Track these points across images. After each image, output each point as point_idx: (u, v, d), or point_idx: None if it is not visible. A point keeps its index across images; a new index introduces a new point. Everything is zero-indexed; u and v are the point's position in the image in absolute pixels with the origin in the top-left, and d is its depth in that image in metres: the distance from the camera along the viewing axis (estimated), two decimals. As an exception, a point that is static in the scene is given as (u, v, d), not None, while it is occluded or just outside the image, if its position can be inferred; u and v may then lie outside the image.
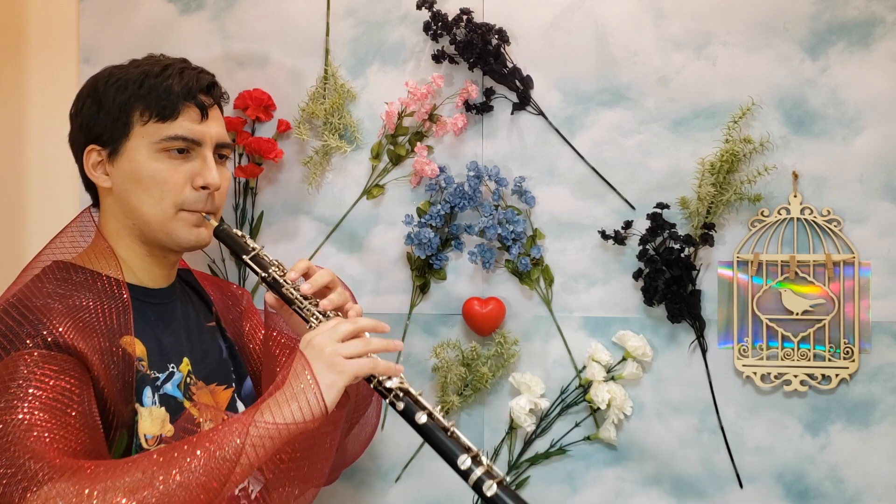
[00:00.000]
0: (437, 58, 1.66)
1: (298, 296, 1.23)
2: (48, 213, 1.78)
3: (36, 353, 1.09)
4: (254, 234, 1.73)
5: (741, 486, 1.62)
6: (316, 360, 1.11)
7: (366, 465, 1.71)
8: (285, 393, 1.10)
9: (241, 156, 1.71)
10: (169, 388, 1.23)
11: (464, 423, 1.69)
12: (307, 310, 1.22)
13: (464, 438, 1.12)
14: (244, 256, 1.27)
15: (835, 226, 1.59)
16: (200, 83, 1.27)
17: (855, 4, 1.59)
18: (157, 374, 1.22)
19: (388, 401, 1.15)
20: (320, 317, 1.21)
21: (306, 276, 1.26)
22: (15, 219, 1.79)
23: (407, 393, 1.15)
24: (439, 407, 1.18)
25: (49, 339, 1.10)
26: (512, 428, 1.67)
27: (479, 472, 1.09)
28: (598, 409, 1.62)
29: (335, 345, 1.13)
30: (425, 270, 1.68)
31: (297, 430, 1.08)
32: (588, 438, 1.66)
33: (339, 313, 1.23)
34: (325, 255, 1.72)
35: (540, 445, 1.67)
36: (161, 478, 1.01)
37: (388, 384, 1.15)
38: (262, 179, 1.73)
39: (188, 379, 1.27)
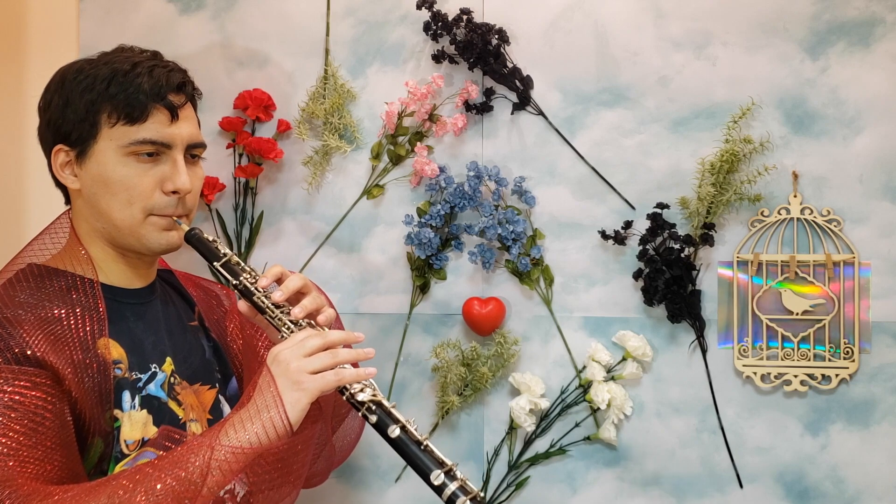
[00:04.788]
0: (437, 58, 1.66)
1: (269, 304, 1.20)
2: (48, 213, 1.77)
3: (6, 369, 1.08)
4: (254, 234, 1.73)
5: (741, 486, 1.62)
6: (281, 377, 1.10)
7: (365, 465, 1.71)
8: (249, 410, 1.09)
9: (241, 156, 1.71)
10: (152, 388, 1.22)
11: (464, 423, 1.69)
12: (278, 319, 1.19)
13: (438, 452, 1.10)
14: (214, 263, 1.23)
15: (835, 226, 1.59)
16: (171, 83, 1.21)
17: (855, 4, 1.59)
18: (139, 375, 1.21)
19: (360, 413, 1.13)
20: (292, 326, 1.18)
21: (279, 281, 1.22)
22: (15, 219, 1.79)
23: (380, 405, 1.12)
24: (413, 419, 1.15)
25: (19, 354, 1.09)
26: (512, 428, 1.67)
27: (453, 487, 1.08)
28: (598, 409, 1.62)
29: (301, 360, 1.10)
30: (425, 270, 1.68)
31: (261, 449, 1.08)
32: (588, 438, 1.66)
33: (312, 321, 1.20)
34: (325, 255, 1.72)
35: (540, 445, 1.67)
36: (127, 503, 1.00)
37: (360, 397, 1.12)
38: (262, 179, 1.73)
39: (172, 378, 1.25)
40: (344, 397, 1.14)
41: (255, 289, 1.22)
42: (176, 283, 1.41)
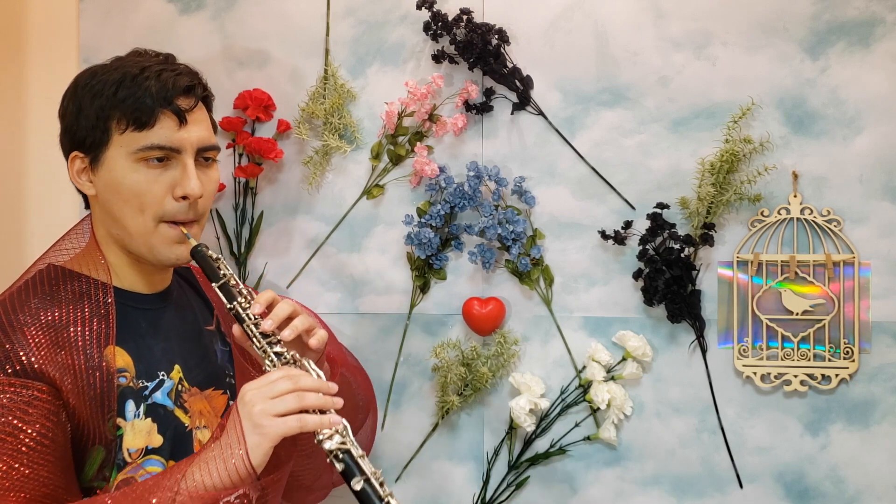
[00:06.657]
0: (437, 58, 1.66)
1: (257, 333, 1.18)
2: (48, 213, 1.78)
3: (6, 382, 1.08)
4: (254, 234, 1.73)
5: (741, 486, 1.62)
6: (245, 419, 1.09)
7: (366, 465, 1.71)
8: (214, 450, 1.09)
9: (241, 156, 1.71)
10: (158, 396, 1.22)
11: (464, 423, 1.69)
12: (263, 350, 1.18)
13: None
14: (213, 283, 1.23)
15: (835, 226, 1.59)
16: (178, 87, 1.20)
17: (855, 4, 1.59)
18: (145, 384, 1.21)
19: (328, 460, 1.11)
20: (275, 360, 1.17)
21: (270, 307, 1.21)
22: (15, 219, 1.79)
23: (347, 453, 1.11)
24: (381, 470, 1.14)
25: (18, 367, 1.09)
26: (512, 428, 1.67)
27: None
28: (598, 409, 1.62)
29: (266, 402, 1.09)
30: (425, 270, 1.68)
31: (225, 492, 1.07)
32: (588, 438, 1.66)
33: (298, 357, 1.18)
34: (325, 256, 1.72)
35: (540, 445, 1.67)
36: None
37: (327, 444, 1.10)
38: (262, 179, 1.73)
39: (180, 386, 1.25)
40: (315, 441, 1.12)
41: (246, 315, 1.20)
42: (196, 283, 1.41)
